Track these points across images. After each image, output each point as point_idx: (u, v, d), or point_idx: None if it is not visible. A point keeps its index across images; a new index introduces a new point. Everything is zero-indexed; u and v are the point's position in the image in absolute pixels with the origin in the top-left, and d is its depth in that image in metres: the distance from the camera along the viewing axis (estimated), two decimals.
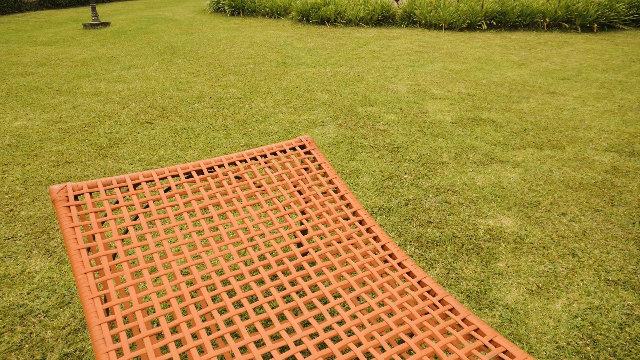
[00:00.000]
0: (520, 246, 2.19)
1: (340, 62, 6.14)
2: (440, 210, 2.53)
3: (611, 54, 6.35)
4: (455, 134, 3.65)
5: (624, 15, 7.80)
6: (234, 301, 1.23)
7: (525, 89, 4.86)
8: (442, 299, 1.28)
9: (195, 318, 1.15)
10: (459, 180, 2.88)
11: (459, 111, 4.18)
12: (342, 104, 4.43)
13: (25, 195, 2.81)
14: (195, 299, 1.20)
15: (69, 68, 6.12)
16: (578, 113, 4.10)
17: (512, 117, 4.02)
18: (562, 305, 1.80)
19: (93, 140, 3.68)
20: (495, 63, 5.98)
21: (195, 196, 1.50)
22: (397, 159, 3.21)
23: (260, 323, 1.14)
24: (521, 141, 3.50)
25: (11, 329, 1.73)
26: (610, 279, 1.94)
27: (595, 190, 2.73)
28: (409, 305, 1.25)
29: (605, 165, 3.06)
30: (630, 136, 3.54)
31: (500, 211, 2.51)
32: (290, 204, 1.58)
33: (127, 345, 1.07)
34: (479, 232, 2.32)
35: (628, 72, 5.44)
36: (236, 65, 6.08)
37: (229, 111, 4.31)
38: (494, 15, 8.12)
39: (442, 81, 5.17)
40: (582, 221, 2.40)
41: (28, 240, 2.32)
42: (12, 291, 1.94)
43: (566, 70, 5.60)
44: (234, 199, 1.53)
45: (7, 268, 2.10)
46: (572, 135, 3.59)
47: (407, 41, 7.43)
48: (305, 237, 1.46)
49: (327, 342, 1.14)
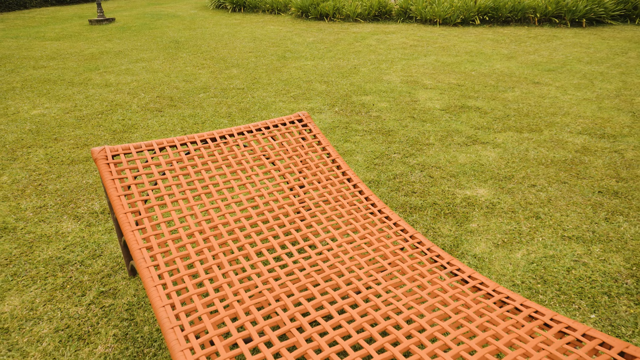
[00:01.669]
0: (492, 211, 2.50)
1: (338, 56, 6.43)
2: (423, 183, 2.84)
3: (597, 47, 6.64)
4: (442, 120, 3.95)
5: (611, 10, 8.09)
6: (245, 235, 1.53)
7: (512, 79, 5.16)
8: (412, 235, 1.59)
9: (214, 245, 1.46)
10: (442, 159, 3.19)
11: (447, 100, 4.48)
12: (338, 94, 4.72)
13: (51, 172, 3.11)
14: (213, 233, 1.51)
15: (78, 62, 6.42)
16: (558, 101, 4.40)
17: (497, 104, 4.32)
18: (522, 255, 2.11)
19: (107, 126, 3.98)
20: (485, 56, 6.27)
21: (211, 158, 1.81)
22: (387, 141, 3.51)
23: (266, 250, 1.45)
24: (503, 125, 3.80)
25: (53, 274, 2.03)
26: (565, 235, 2.25)
27: (564, 166, 3.04)
28: (384, 238, 1.56)
29: (576, 146, 3.36)
30: (603, 121, 3.84)
31: (477, 183, 2.82)
32: (290, 165, 1.88)
33: (163, 263, 1.37)
34: (456, 200, 2.62)
35: (610, 64, 5.74)
36: (238, 59, 6.38)
37: (233, 100, 4.61)
38: (487, 10, 8.40)
39: (433, 73, 5.47)
40: (548, 191, 2.71)
41: (58, 209, 2.63)
42: (49, 247, 2.25)
43: (552, 62, 5.89)
44: (242, 161, 1.84)
45: (42, 229, 2.40)
46: (550, 121, 3.89)
47: (403, 36, 7.72)
48: (302, 190, 1.77)
49: (319, 263, 1.44)
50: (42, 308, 1.82)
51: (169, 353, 1.59)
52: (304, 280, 1.36)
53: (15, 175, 3.07)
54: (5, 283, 1.98)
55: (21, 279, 2.00)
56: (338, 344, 1.09)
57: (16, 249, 2.23)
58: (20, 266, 2.09)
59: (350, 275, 1.39)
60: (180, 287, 1.30)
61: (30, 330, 1.70)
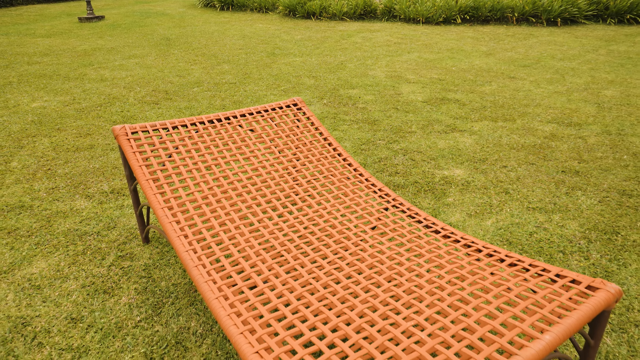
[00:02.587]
0: (467, 187, 2.79)
1: (325, 53, 6.69)
2: (406, 165, 3.11)
3: (570, 45, 7.03)
4: (424, 111, 4.24)
5: (585, 10, 8.51)
6: (251, 197, 1.78)
7: (490, 74, 5.48)
8: (394, 198, 1.86)
9: (226, 205, 1.71)
10: (423, 144, 3.47)
11: (429, 93, 4.77)
12: (326, 87, 4.99)
13: (58, 158, 3.31)
14: (224, 196, 1.76)
15: (72, 58, 6.56)
16: (531, 94, 4.72)
17: (475, 97, 4.63)
18: (491, 222, 2.39)
19: (107, 117, 4.18)
20: (465, 53, 6.59)
21: (218, 136, 2.05)
22: (373, 129, 3.78)
23: (270, 209, 1.70)
24: (479, 115, 4.10)
25: (73, 243, 2.25)
26: (530, 207, 2.55)
27: (533, 150, 3.35)
28: (370, 200, 1.83)
29: (545, 133, 3.68)
30: (571, 111, 4.18)
31: (454, 165, 3.11)
32: (287, 142, 2.14)
33: (183, 219, 1.61)
34: (435, 179, 2.91)
35: (581, 60, 6.11)
36: (229, 55, 6.60)
37: (226, 93, 4.83)
38: (468, 10, 8.75)
39: (416, 68, 5.77)
40: (517, 171, 3.01)
41: (69, 189, 2.84)
42: (66, 221, 2.46)
43: (528, 59, 6.24)
44: (245, 138, 2.09)
45: (58, 207, 2.61)
46: (523, 111, 4.21)
47: (387, 34, 8.02)
48: (299, 163, 2.03)
49: (316, 218, 1.70)
50: (68, 269, 2.04)
51: (184, 302, 1.83)
52: (303, 231, 1.62)
53: (25, 161, 3.26)
54: (31, 251, 2.19)
55: (44, 247, 2.22)
56: (334, 275, 1.35)
57: (35, 223, 2.44)
58: (42, 237, 2.31)
59: (342, 227, 1.65)
60: (199, 237, 1.54)
61: (60, 286, 1.93)
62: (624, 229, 2.33)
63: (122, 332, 1.68)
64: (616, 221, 2.40)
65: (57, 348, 1.61)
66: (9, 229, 2.38)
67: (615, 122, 3.88)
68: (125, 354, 1.58)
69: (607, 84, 5.02)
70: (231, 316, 1.20)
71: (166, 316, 1.75)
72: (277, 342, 1.12)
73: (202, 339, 1.64)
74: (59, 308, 1.81)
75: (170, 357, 1.57)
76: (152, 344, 1.62)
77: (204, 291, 1.31)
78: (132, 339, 1.64)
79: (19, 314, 1.78)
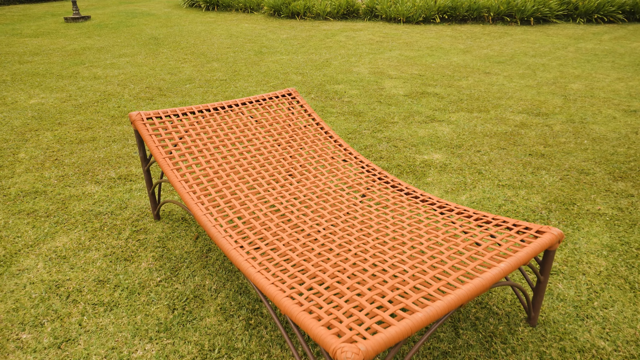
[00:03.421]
0: (444, 169, 3.09)
1: (311, 51, 6.96)
2: (389, 151, 3.41)
3: (541, 43, 7.44)
4: (405, 103, 4.54)
5: (556, 10, 8.96)
6: (257, 172, 2.04)
7: (466, 70, 5.83)
8: (380, 172, 2.14)
9: (235, 178, 1.97)
10: (405, 133, 3.77)
11: (410, 87, 5.08)
12: (313, 83, 5.26)
13: (63, 149, 3.51)
14: (233, 171, 2.02)
15: (62, 57, 6.70)
16: (504, 87, 5.08)
17: (453, 91, 4.96)
18: (466, 197, 2.70)
19: (105, 112, 4.37)
20: (444, 50, 6.94)
21: (223, 121, 2.30)
22: (358, 120, 4.07)
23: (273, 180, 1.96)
24: (456, 107, 4.42)
25: (90, 221, 2.48)
26: (500, 184, 2.86)
27: (505, 137, 3.67)
28: (358, 174, 2.11)
29: (516, 122, 4.01)
30: (540, 103, 4.53)
31: (433, 150, 3.41)
32: (285, 127, 2.40)
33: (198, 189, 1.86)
34: (416, 162, 3.20)
35: (551, 57, 6.51)
36: (218, 54, 6.81)
37: (218, 89, 5.07)
38: (446, 10, 9.13)
39: (398, 65, 6.08)
40: (490, 155, 3.33)
41: (79, 177, 3.05)
42: (80, 203, 2.68)
43: (502, 56, 6.61)
44: (248, 123, 2.34)
45: (70, 191, 2.83)
46: (497, 103, 4.55)
47: (370, 33, 8.33)
48: (296, 144, 2.29)
49: (312, 187, 1.97)
50: (89, 242, 2.27)
51: (197, 265, 2.08)
52: (303, 197, 1.89)
53: (31, 152, 3.45)
54: (51, 228, 2.41)
55: (64, 225, 2.44)
56: (331, 229, 1.62)
57: (51, 205, 2.66)
58: (59, 217, 2.53)
59: (336, 194, 1.93)
60: (214, 204, 1.80)
61: (84, 256, 2.16)
62: (579, 201, 2.66)
63: (146, 290, 1.92)
64: (573, 194, 2.73)
65: (90, 303, 1.85)
66: (27, 211, 2.59)
67: (579, 112, 4.24)
68: (151, 306, 1.83)
69: (573, 79, 5.40)
70: (248, 260, 1.47)
71: (183, 277, 2.00)
72: (288, 276, 1.39)
73: (217, 293, 1.89)
74: (86, 273, 2.04)
75: (190, 307, 1.82)
76: (174, 298, 1.87)
77: (222, 244, 1.57)
78: (155, 295, 1.89)
79: (50, 278, 2.00)
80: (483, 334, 1.67)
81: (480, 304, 1.82)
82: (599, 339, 1.65)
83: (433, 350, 1.60)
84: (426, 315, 1.14)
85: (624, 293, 1.88)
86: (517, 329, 1.69)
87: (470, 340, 1.65)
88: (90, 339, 1.67)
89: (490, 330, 1.69)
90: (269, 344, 1.63)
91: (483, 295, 1.87)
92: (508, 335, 1.66)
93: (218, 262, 2.10)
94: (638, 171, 3.03)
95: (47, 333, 1.69)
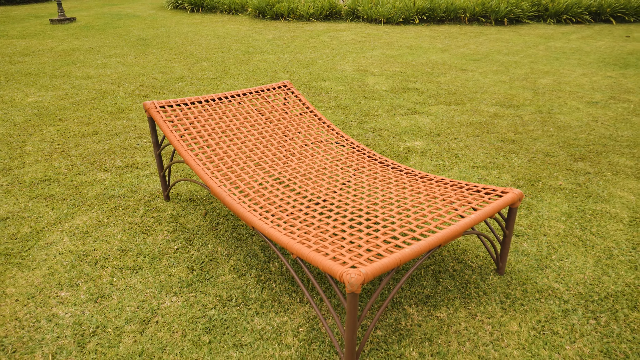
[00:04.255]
0: (425, 154, 3.41)
1: (296, 50, 7.25)
2: (375, 139, 3.71)
3: (514, 42, 7.87)
4: (388, 98, 4.86)
5: (528, 11, 9.44)
6: (261, 152, 2.31)
7: (444, 67, 6.19)
8: (369, 152, 2.44)
9: (242, 156, 2.23)
10: (389, 124, 4.08)
11: (392, 83, 5.41)
12: (301, 80, 5.54)
13: (68, 142, 3.71)
14: (240, 151, 2.28)
15: (53, 57, 6.83)
16: (479, 83, 5.44)
17: (432, 86, 5.30)
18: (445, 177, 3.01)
19: (103, 108, 4.57)
20: (423, 49, 7.31)
21: (228, 109, 2.57)
22: (345, 113, 4.36)
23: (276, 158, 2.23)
24: (435, 101, 4.76)
25: (105, 202, 2.71)
26: (475, 166, 3.19)
27: (479, 126, 4.02)
28: (350, 153, 2.40)
29: (489, 113, 4.37)
30: (512, 96, 4.90)
31: (415, 138, 3.73)
32: (283, 115, 2.68)
33: (211, 166, 2.12)
34: (399, 148, 3.51)
35: (523, 55, 6.93)
36: (206, 54, 7.04)
37: (210, 87, 5.30)
38: (425, 11, 9.52)
39: (380, 63, 6.41)
40: (466, 141, 3.66)
41: (87, 166, 3.26)
42: (93, 188, 2.90)
43: (478, 54, 7.01)
44: (249, 111, 2.61)
45: (81, 178, 3.05)
46: (472, 97, 4.90)
47: (352, 33, 8.66)
48: (294, 129, 2.57)
49: (312, 164, 2.25)
50: (107, 220, 2.51)
51: (209, 236, 2.34)
52: (303, 171, 2.17)
53: (38, 145, 3.64)
54: (70, 209, 2.63)
55: (81, 207, 2.66)
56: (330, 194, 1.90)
57: (66, 191, 2.87)
58: (75, 200, 2.75)
59: (332, 168, 2.21)
60: (226, 178, 2.06)
61: (105, 231, 2.39)
62: (543, 178, 3.00)
63: (165, 256, 2.17)
64: (539, 173, 3.08)
65: (117, 267, 2.09)
66: (44, 196, 2.81)
67: (546, 104, 4.62)
68: (172, 268, 2.08)
69: (543, 74, 5.81)
70: (262, 219, 1.74)
71: (197, 245, 2.26)
72: (297, 229, 1.67)
73: (229, 257, 2.16)
74: (109, 244, 2.28)
75: (207, 269, 2.08)
76: (191, 261, 2.13)
77: (237, 209, 1.84)
78: (174, 259, 2.14)
79: (77, 249, 2.24)
80: (459, 282, 1.98)
81: (457, 259, 2.13)
82: (555, 282, 1.97)
83: (418, 294, 1.90)
84: (412, 250, 1.44)
85: (577, 248, 2.21)
86: (488, 277, 2.00)
87: (449, 286, 1.95)
88: (122, 294, 1.91)
89: (465, 279, 2.00)
90: (278, 294, 1.91)
91: (459, 252, 2.18)
92: (480, 282, 1.97)
93: (227, 232, 2.36)
94: (596, 153, 3.40)
95: (82, 291, 1.93)
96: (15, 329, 1.72)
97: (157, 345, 1.65)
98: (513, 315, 1.79)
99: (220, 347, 1.64)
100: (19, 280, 2.00)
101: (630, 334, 1.69)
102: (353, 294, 1.33)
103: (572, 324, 1.74)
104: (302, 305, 1.84)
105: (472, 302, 1.86)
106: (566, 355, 1.60)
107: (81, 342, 1.66)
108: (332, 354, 1.61)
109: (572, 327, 1.73)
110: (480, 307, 1.83)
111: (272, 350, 1.62)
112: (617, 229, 2.39)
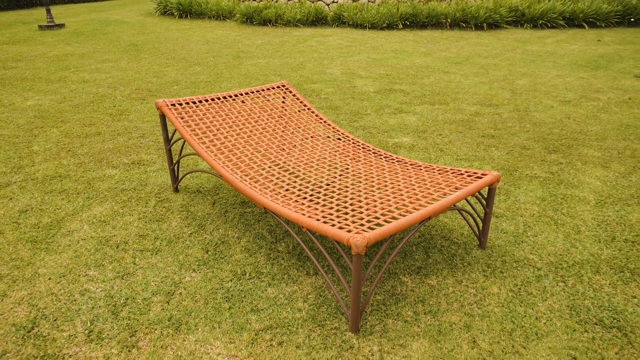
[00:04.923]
0: (412, 148, 3.68)
1: (286, 55, 7.49)
2: (365, 136, 3.97)
3: (493, 46, 8.25)
4: (376, 99, 5.13)
5: (505, 17, 9.87)
6: (266, 144, 2.54)
7: (428, 70, 6.50)
8: (363, 143, 2.69)
9: (249, 148, 2.46)
10: (377, 122, 4.35)
11: (379, 85, 5.69)
12: (292, 83, 5.78)
13: (73, 142, 3.88)
14: (246, 144, 2.51)
15: (46, 63, 6.95)
16: (461, 84, 5.76)
17: (416, 87, 5.60)
18: None
19: (103, 111, 4.74)
20: (407, 53, 7.62)
21: (233, 107, 2.79)
22: (336, 113, 4.62)
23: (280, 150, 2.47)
24: (420, 101, 5.05)
25: (118, 195, 2.90)
26: (458, 158, 3.47)
27: (462, 123, 4.31)
28: (345, 144, 2.65)
29: (471, 111, 4.67)
30: (491, 96, 5.22)
31: (402, 135, 4.00)
32: (282, 111, 2.91)
33: (222, 156, 2.34)
34: (389, 144, 3.78)
35: (502, 58, 7.30)
36: (198, 58, 7.24)
37: (204, 90, 5.51)
38: (408, 16, 9.88)
39: (366, 66, 6.70)
40: (450, 137, 3.94)
41: (95, 163, 3.44)
42: (104, 183, 3.09)
43: (459, 57, 7.35)
44: (252, 108, 2.84)
45: (91, 175, 3.23)
46: (455, 97, 5.21)
47: (339, 38, 8.95)
48: (294, 124, 2.81)
49: (313, 154, 2.49)
50: (122, 210, 2.71)
51: (219, 222, 2.55)
52: (306, 160, 2.40)
53: (44, 145, 3.81)
54: (85, 202, 2.82)
55: (95, 199, 2.85)
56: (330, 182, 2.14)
57: (79, 186, 3.06)
58: (89, 193, 2.94)
59: (331, 158, 2.45)
60: (236, 167, 2.29)
61: (122, 219, 2.59)
62: (521, 168, 3.29)
63: (181, 239, 2.38)
64: (516, 164, 3.37)
65: (137, 250, 2.29)
66: (58, 190, 2.99)
67: (523, 103, 4.95)
68: (188, 249, 2.29)
69: (520, 76, 6.16)
70: (273, 200, 1.97)
71: (209, 230, 2.47)
72: (307, 207, 1.90)
73: (240, 239, 2.38)
74: (127, 231, 2.48)
75: (220, 249, 2.29)
76: (205, 244, 2.34)
77: (249, 192, 2.06)
78: (190, 242, 2.36)
79: (98, 235, 2.43)
80: (447, 255, 2.23)
81: (444, 237, 2.39)
82: (530, 254, 2.24)
83: (411, 266, 2.15)
84: (407, 220, 1.68)
85: (549, 226, 2.50)
86: (472, 251, 2.26)
87: (437, 259, 2.21)
88: (145, 272, 2.12)
89: (452, 253, 2.25)
90: (287, 268, 2.14)
91: (446, 231, 2.44)
92: (465, 255, 2.23)
93: (236, 219, 2.58)
94: (567, 146, 3.72)
95: (109, 270, 2.13)
96: (52, 302, 1.92)
97: (184, 311, 1.86)
98: (494, 280, 2.05)
99: (239, 312, 1.86)
100: (49, 262, 2.19)
101: (593, 292, 1.96)
102: (358, 255, 1.57)
103: (544, 286, 2.01)
104: (309, 277, 2.07)
105: (458, 271, 2.12)
106: (539, 311, 1.86)
107: (114, 311, 1.86)
108: (339, 314, 1.84)
109: (544, 288, 2.00)
110: (465, 275, 2.08)
111: (286, 313, 1.85)
112: (584, 210, 2.68)
